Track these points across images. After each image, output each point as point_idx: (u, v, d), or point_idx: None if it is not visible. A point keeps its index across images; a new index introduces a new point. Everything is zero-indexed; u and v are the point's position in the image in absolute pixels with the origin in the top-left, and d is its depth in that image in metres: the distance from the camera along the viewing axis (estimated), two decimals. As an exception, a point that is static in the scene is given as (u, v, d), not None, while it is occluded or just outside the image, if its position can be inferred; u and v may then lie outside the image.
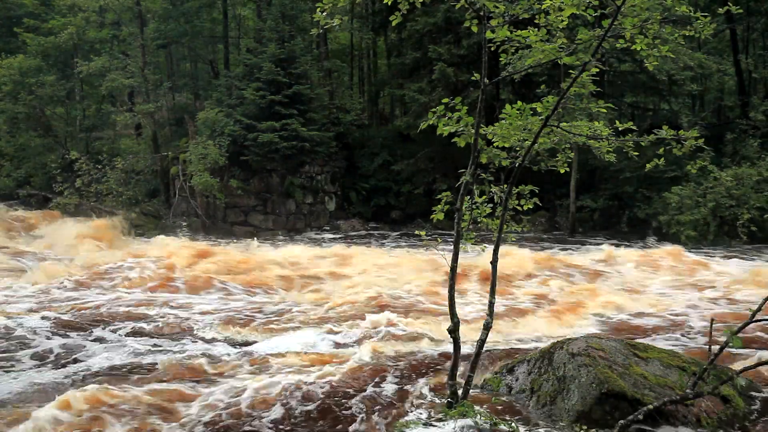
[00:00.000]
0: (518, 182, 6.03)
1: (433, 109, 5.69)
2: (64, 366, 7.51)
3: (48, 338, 8.60)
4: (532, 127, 5.72)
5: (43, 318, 9.58)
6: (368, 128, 26.58)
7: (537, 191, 6.21)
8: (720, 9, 6.24)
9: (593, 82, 5.97)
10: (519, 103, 5.72)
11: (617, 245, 16.59)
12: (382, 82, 28.86)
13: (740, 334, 4.77)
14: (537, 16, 5.48)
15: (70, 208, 22.47)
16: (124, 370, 7.33)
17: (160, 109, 25.24)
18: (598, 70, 5.66)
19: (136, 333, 8.97)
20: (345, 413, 6.00)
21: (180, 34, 27.45)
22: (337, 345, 8.37)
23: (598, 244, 17.02)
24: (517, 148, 5.99)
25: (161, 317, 9.81)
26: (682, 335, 8.79)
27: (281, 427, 5.76)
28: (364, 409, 6.06)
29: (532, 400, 5.97)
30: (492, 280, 5.88)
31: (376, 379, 6.88)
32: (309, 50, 25.24)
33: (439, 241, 6.70)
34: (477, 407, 5.55)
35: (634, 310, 10.16)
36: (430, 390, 6.50)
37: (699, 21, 5.25)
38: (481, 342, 5.85)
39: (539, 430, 5.46)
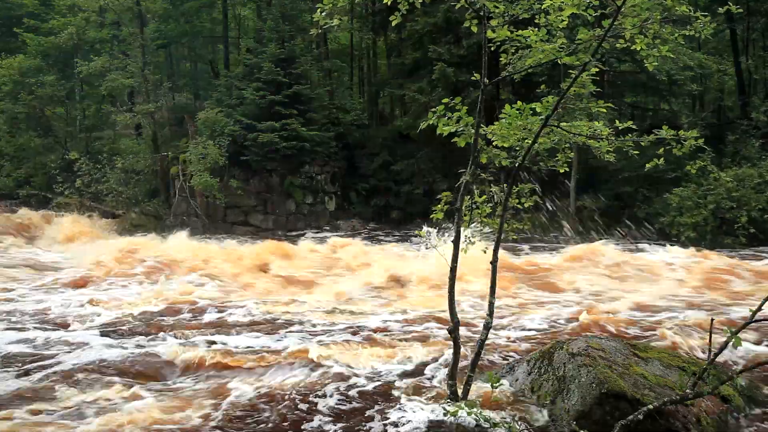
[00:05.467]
0: (518, 182, 6.03)
1: (433, 109, 5.69)
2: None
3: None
4: (532, 127, 5.72)
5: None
6: (368, 128, 26.57)
7: (537, 191, 6.20)
8: (720, 9, 6.24)
9: (593, 82, 5.97)
10: (519, 103, 5.71)
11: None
12: (382, 82, 28.84)
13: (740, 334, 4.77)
14: (537, 16, 5.48)
15: (70, 208, 22.49)
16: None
17: (160, 109, 25.27)
18: (598, 70, 5.66)
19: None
20: (342, 411, 5.99)
21: (180, 34, 27.49)
22: (337, 340, 8.36)
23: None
24: (517, 148, 5.99)
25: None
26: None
27: (262, 421, 5.76)
28: (361, 409, 6.05)
29: (532, 400, 5.97)
30: (492, 279, 5.88)
31: (375, 378, 6.88)
32: (309, 50, 25.25)
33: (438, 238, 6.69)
34: (476, 407, 5.55)
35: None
36: (430, 389, 6.50)
37: (699, 21, 5.25)
38: (481, 342, 5.85)
39: (539, 430, 5.46)
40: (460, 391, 5.79)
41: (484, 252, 6.20)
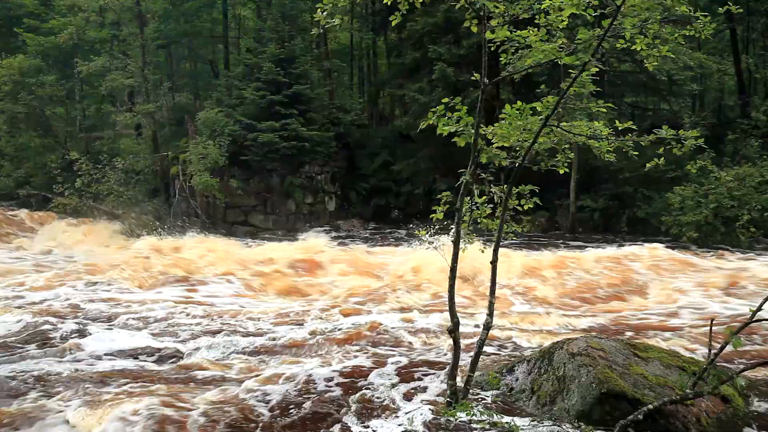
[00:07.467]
0: (518, 182, 6.03)
1: (433, 109, 5.69)
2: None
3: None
4: (532, 127, 5.72)
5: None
6: (368, 128, 26.58)
7: (537, 191, 6.20)
8: (720, 9, 6.25)
9: (593, 82, 5.97)
10: (519, 103, 5.71)
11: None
12: (382, 82, 28.84)
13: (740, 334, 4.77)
14: (537, 16, 5.48)
15: (70, 209, 22.48)
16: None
17: (160, 109, 25.23)
18: (597, 70, 5.66)
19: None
20: (340, 411, 5.98)
21: (180, 34, 27.44)
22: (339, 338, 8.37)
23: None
24: (517, 148, 5.99)
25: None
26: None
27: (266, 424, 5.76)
28: (362, 408, 6.05)
29: (532, 400, 5.97)
30: (492, 280, 5.88)
31: (375, 378, 6.87)
32: (309, 50, 25.24)
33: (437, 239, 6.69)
34: (477, 407, 5.55)
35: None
36: (430, 390, 6.49)
37: (699, 21, 5.24)
38: (481, 342, 5.85)
39: (539, 429, 5.45)
40: (460, 391, 5.79)
41: (482, 252, 6.20)
